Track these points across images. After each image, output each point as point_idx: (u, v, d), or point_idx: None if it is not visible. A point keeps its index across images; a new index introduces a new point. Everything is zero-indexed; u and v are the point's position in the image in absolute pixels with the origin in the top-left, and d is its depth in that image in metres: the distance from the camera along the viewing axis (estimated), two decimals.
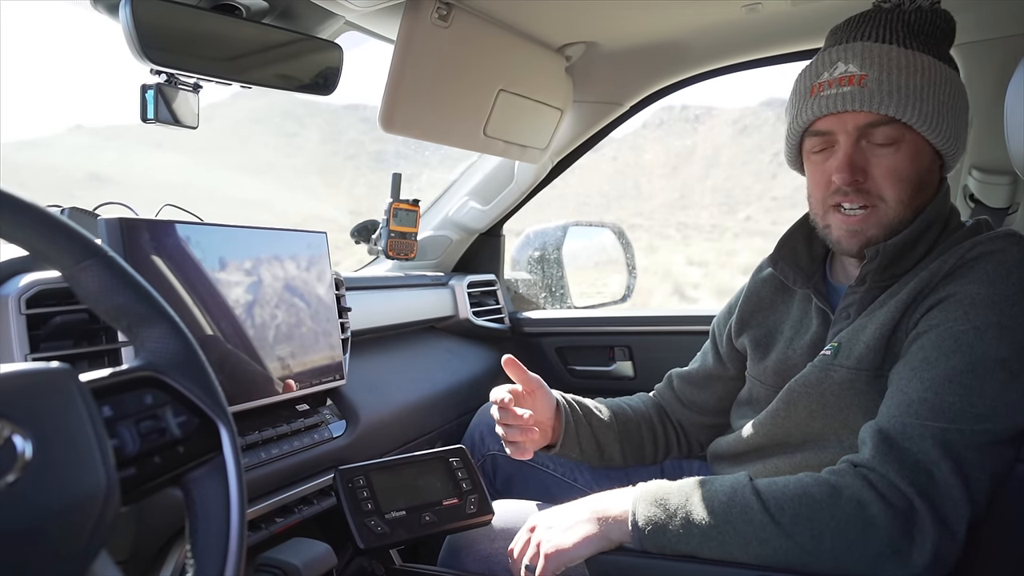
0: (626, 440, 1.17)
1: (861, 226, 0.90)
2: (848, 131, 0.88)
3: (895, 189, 0.88)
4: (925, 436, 0.75)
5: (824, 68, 0.90)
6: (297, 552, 0.94)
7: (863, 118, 0.87)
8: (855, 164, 0.88)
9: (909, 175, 0.88)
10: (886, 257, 0.89)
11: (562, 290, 2.14)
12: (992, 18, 1.27)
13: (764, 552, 0.75)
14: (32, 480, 0.39)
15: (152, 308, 0.53)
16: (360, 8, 1.18)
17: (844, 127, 0.88)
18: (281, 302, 1.08)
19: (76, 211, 1.05)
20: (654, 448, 1.20)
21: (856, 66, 0.87)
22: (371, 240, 1.68)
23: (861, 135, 0.88)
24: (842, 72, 0.88)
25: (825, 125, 0.90)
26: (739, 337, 1.11)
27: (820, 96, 0.89)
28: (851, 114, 0.87)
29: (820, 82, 0.90)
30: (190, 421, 0.52)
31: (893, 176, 0.88)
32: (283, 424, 1.05)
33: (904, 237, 0.89)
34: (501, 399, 1.03)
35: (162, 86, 1.13)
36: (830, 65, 0.89)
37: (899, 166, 0.87)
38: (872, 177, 0.88)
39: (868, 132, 0.88)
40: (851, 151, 0.88)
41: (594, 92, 1.67)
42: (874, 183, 0.88)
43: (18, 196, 0.47)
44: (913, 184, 0.88)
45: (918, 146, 0.88)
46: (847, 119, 0.88)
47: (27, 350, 0.77)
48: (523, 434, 1.04)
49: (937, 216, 0.90)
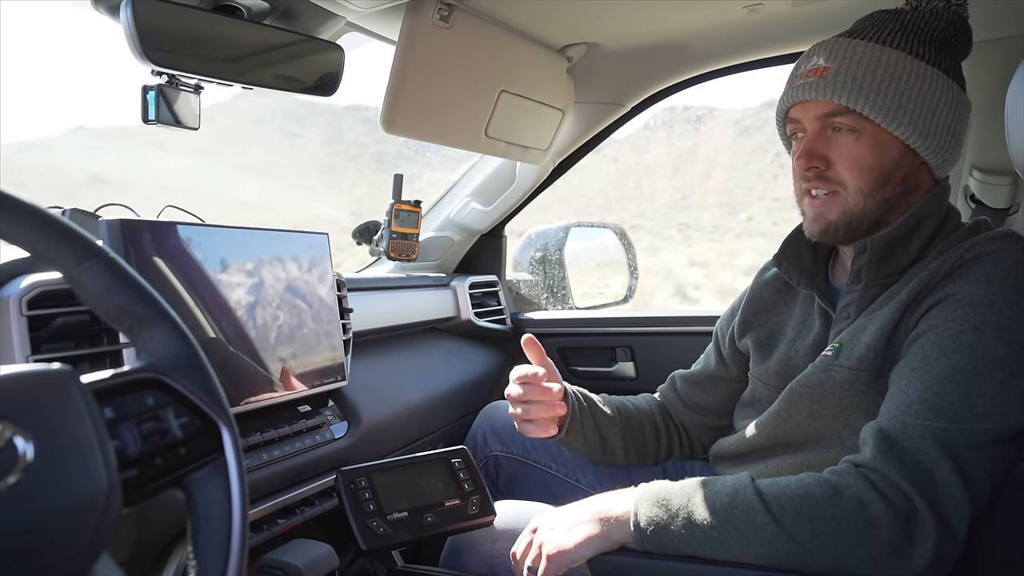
0: (629, 437, 1.17)
1: (822, 209, 0.93)
2: (810, 119, 0.92)
3: (855, 177, 0.90)
4: (925, 436, 0.75)
5: (804, 62, 0.94)
6: (299, 553, 0.94)
7: (822, 107, 0.90)
8: (814, 151, 0.91)
9: (871, 165, 0.90)
10: (875, 252, 0.90)
11: (564, 291, 2.14)
12: (992, 19, 1.27)
13: (766, 552, 0.75)
14: (33, 481, 0.39)
15: (153, 309, 0.53)
16: (361, 9, 1.19)
17: (807, 115, 0.93)
18: (283, 303, 1.08)
19: (77, 212, 1.05)
20: (656, 447, 1.20)
21: (823, 59, 0.91)
22: (373, 241, 1.68)
23: (824, 124, 0.92)
24: (813, 64, 0.92)
25: (794, 113, 0.95)
26: (742, 338, 1.12)
27: (792, 87, 0.94)
28: (812, 103, 0.91)
29: (796, 74, 0.94)
30: (192, 422, 0.52)
31: (853, 164, 0.90)
32: (285, 425, 1.05)
33: (893, 232, 0.90)
34: (533, 374, 1.05)
35: (163, 87, 1.13)
36: (808, 59, 0.94)
37: (859, 155, 0.90)
38: (833, 164, 0.91)
39: (830, 121, 0.91)
40: (812, 139, 0.92)
41: (596, 93, 1.67)
42: (835, 171, 0.91)
43: (19, 197, 0.47)
44: (875, 174, 0.90)
45: (880, 138, 0.90)
46: (809, 108, 0.92)
47: (28, 351, 0.77)
48: (548, 410, 1.05)
49: (929, 214, 0.91)
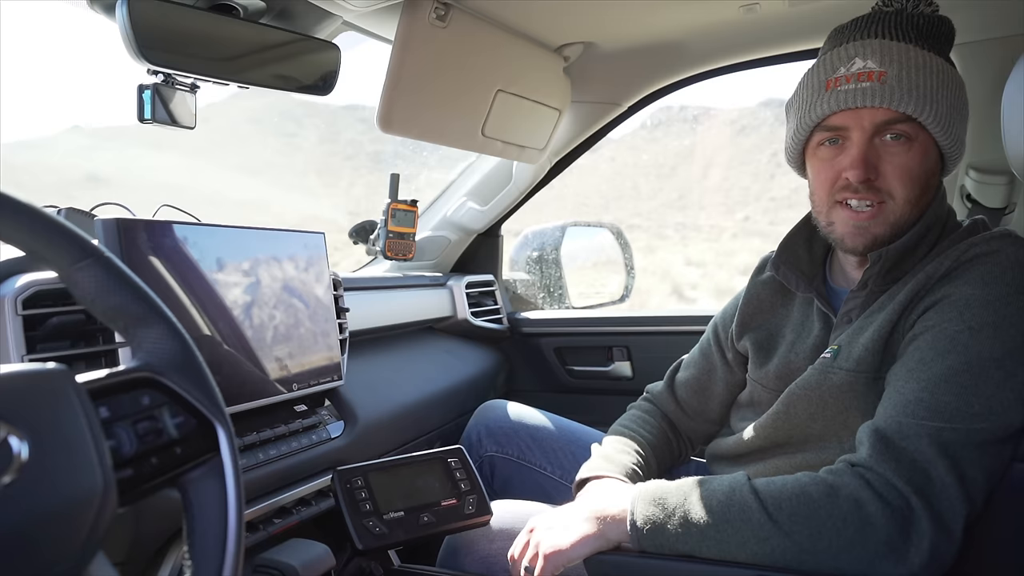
0: (661, 465, 1.16)
1: (868, 222, 0.89)
2: (864, 127, 0.87)
3: (905, 187, 0.87)
4: (921, 435, 0.75)
5: (840, 63, 0.88)
6: (295, 553, 0.94)
7: (881, 115, 0.86)
8: (869, 161, 0.87)
9: (918, 175, 0.87)
10: (889, 261, 0.89)
11: (560, 290, 2.14)
12: (989, 18, 1.28)
13: (762, 551, 0.75)
14: (29, 481, 0.39)
15: (149, 309, 0.53)
16: (358, 8, 1.18)
17: (860, 123, 0.87)
18: (279, 303, 1.08)
19: (73, 211, 1.05)
20: (669, 464, 1.20)
21: (875, 62, 0.85)
22: (369, 240, 1.68)
23: (876, 132, 0.87)
24: (860, 67, 0.86)
25: (840, 120, 0.88)
26: (740, 339, 1.11)
27: (837, 91, 0.87)
28: (868, 110, 0.86)
29: (836, 77, 0.88)
30: (187, 422, 0.52)
31: (905, 174, 0.87)
32: (281, 425, 1.05)
33: (906, 241, 0.88)
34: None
35: (159, 86, 1.13)
36: (847, 60, 0.88)
37: (910, 165, 0.87)
38: (883, 175, 0.87)
39: (883, 129, 0.87)
40: (866, 148, 0.87)
41: (592, 92, 1.67)
42: (884, 180, 0.87)
43: (15, 197, 0.47)
44: (921, 184, 0.88)
45: (927, 147, 0.88)
46: (864, 115, 0.86)
47: (24, 351, 0.77)
48: None
49: (936, 219, 0.91)
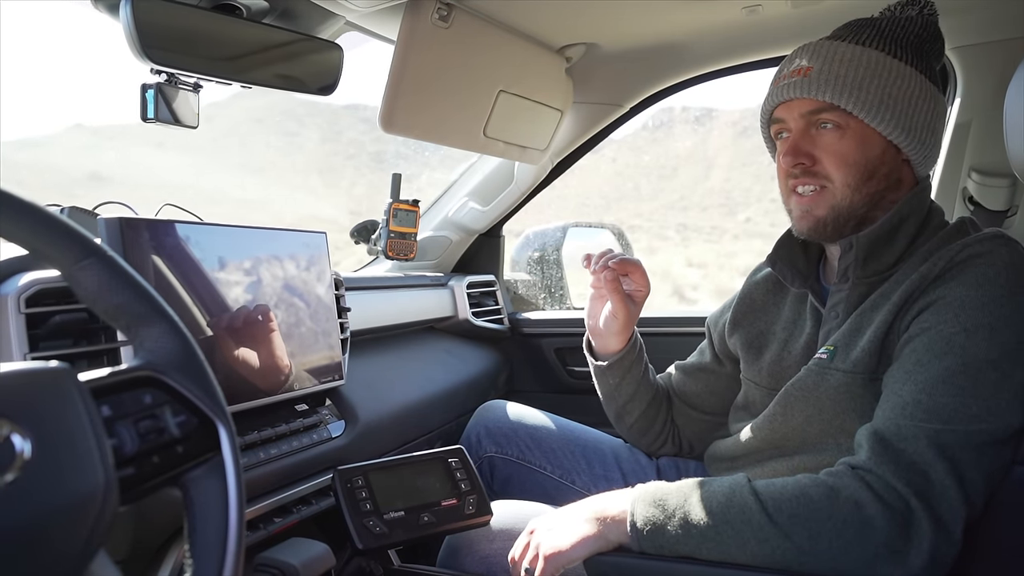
0: (647, 411, 1.21)
1: (810, 205, 0.95)
2: (795, 117, 0.95)
3: (841, 172, 0.92)
4: (920, 437, 0.75)
5: (787, 65, 0.97)
6: (295, 552, 0.94)
7: (806, 105, 0.93)
8: (800, 148, 0.94)
9: (856, 160, 0.92)
10: (861, 249, 0.92)
11: (561, 291, 2.14)
12: (991, 21, 1.28)
13: (762, 552, 0.75)
14: (31, 479, 0.39)
15: (151, 307, 0.53)
16: (360, 8, 1.19)
17: (792, 114, 0.95)
18: (280, 302, 1.08)
19: (75, 210, 1.05)
20: (655, 434, 1.23)
21: (807, 60, 0.94)
22: (371, 240, 1.68)
23: (809, 122, 0.94)
24: (796, 66, 0.95)
25: (779, 113, 0.97)
26: (731, 337, 1.14)
27: (776, 88, 0.97)
28: (797, 101, 0.94)
29: (780, 75, 0.97)
30: (189, 421, 0.52)
31: (839, 159, 0.92)
32: (282, 424, 1.05)
33: (876, 230, 0.92)
34: None
35: (162, 85, 1.13)
36: (790, 61, 0.97)
37: (845, 151, 0.92)
38: (819, 161, 0.93)
39: (814, 119, 0.93)
40: (797, 136, 0.95)
41: (594, 93, 1.67)
42: (822, 166, 0.93)
43: (17, 195, 0.47)
44: (861, 169, 0.92)
45: (863, 134, 0.92)
46: (794, 106, 0.95)
47: (26, 349, 0.77)
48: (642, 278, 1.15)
49: (911, 212, 0.93)
